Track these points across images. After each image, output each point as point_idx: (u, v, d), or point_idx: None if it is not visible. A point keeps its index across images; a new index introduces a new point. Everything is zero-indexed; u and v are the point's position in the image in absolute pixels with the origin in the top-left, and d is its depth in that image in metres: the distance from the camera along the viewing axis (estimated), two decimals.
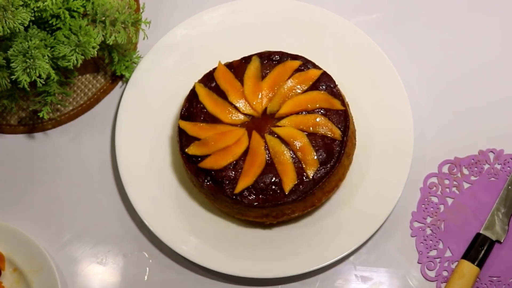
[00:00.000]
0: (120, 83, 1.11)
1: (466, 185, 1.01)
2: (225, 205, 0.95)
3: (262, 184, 0.92)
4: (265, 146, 0.94)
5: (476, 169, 1.02)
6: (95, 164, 1.06)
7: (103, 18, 0.97)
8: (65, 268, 1.01)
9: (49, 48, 0.94)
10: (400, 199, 0.97)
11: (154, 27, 1.08)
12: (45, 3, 0.92)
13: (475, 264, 0.95)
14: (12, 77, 0.92)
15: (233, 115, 0.96)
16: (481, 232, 0.97)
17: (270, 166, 0.93)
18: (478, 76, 1.08)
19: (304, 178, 0.92)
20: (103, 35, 0.97)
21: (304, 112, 0.96)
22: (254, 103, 0.96)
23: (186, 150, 0.95)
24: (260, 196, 0.92)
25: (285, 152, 0.93)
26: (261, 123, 0.96)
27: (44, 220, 1.04)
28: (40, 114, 1.01)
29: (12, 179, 1.07)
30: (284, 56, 0.99)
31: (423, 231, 0.99)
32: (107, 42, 0.97)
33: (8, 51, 0.91)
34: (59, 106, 1.09)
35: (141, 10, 1.06)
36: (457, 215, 1.00)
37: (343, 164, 0.95)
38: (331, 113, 0.95)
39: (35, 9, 0.92)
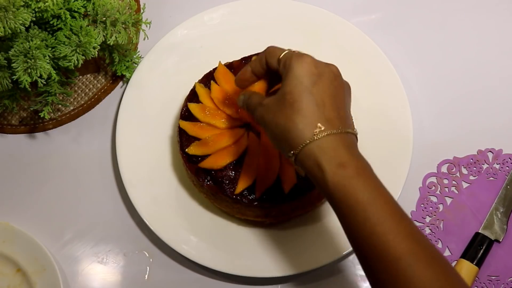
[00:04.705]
0: (120, 83, 1.12)
1: (465, 185, 1.02)
2: (225, 205, 0.96)
3: None
4: None
5: (475, 168, 1.02)
6: (96, 163, 1.07)
7: (104, 18, 0.97)
8: (66, 267, 1.01)
9: (50, 49, 0.94)
10: (399, 198, 0.98)
11: (155, 27, 1.08)
12: (46, 4, 0.92)
13: (474, 263, 0.95)
14: (13, 77, 0.92)
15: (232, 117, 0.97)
16: (480, 231, 0.98)
17: None
18: (477, 76, 1.08)
19: (304, 177, 0.93)
20: (103, 36, 0.97)
21: None
22: None
23: (186, 150, 0.95)
24: (260, 196, 0.92)
25: None
26: None
27: (45, 220, 1.04)
28: (41, 114, 1.01)
29: (13, 178, 1.07)
30: None
31: (422, 230, 1.00)
32: (108, 42, 0.98)
33: (9, 52, 0.92)
34: (60, 106, 1.09)
35: (142, 11, 1.06)
36: (456, 215, 1.00)
37: None
38: None
39: (36, 9, 0.92)
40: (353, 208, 0.70)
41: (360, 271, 0.99)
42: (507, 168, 1.02)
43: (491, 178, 1.02)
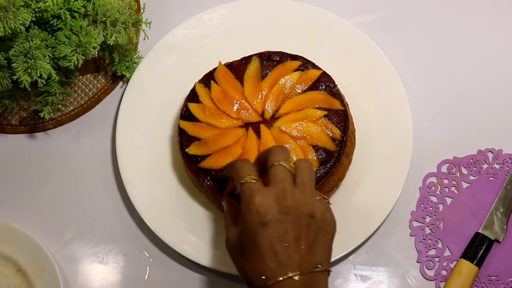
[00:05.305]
0: (120, 83, 1.12)
1: (465, 185, 1.02)
2: None
3: None
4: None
5: (475, 168, 1.02)
6: (96, 163, 1.07)
7: (104, 18, 0.97)
8: (66, 267, 1.01)
9: (50, 49, 0.94)
10: (400, 198, 0.98)
11: (155, 27, 1.08)
12: (46, 4, 0.92)
13: (474, 263, 0.95)
14: (13, 77, 0.92)
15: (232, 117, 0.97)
16: (480, 231, 0.98)
17: None
18: (477, 76, 1.08)
19: None
20: (103, 36, 0.97)
21: None
22: (254, 103, 0.96)
23: (186, 150, 0.95)
24: None
25: None
26: (261, 123, 0.96)
27: (45, 220, 1.04)
28: (41, 114, 1.01)
29: (13, 178, 1.07)
30: (284, 56, 1.00)
31: (422, 230, 1.00)
32: (108, 42, 0.98)
33: (9, 52, 0.92)
34: (60, 106, 1.09)
35: (142, 11, 1.06)
36: (456, 215, 1.00)
37: (343, 164, 0.96)
38: (330, 113, 0.96)
39: (36, 9, 0.92)
40: None
41: (360, 271, 0.99)
42: (507, 168, 1.02)
43: (491, 178, 1.02)
